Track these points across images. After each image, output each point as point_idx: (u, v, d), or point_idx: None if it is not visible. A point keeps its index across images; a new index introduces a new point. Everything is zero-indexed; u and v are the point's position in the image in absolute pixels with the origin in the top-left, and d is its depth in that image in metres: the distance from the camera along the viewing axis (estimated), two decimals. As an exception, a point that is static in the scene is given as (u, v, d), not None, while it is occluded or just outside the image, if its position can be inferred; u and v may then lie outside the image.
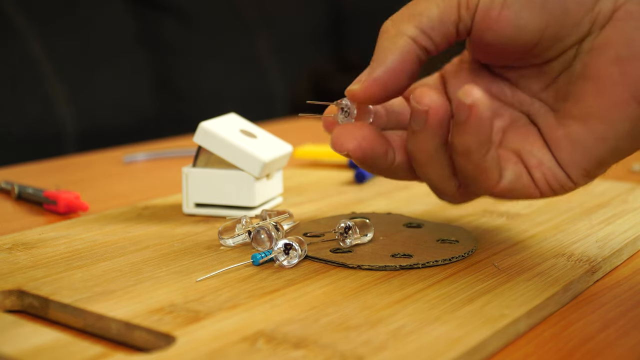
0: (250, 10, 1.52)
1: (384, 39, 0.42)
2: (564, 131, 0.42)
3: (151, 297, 0.38)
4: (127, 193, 0.66)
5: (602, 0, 0.40)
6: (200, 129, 0.52)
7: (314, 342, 0.33)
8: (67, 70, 1.21)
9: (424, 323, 0.35)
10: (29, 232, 0.49)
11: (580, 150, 0.41)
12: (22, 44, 1.17)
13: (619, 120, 0.40)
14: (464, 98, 0.38)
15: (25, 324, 0.35)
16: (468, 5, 0.41)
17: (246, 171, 0.51)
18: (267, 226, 0.44)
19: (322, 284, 0.40)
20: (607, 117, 0.40)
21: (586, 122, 0.41)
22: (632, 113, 0.40)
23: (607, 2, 0.40)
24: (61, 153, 1.10)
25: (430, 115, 0.40)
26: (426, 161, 0.42)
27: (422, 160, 0.42)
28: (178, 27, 1.41)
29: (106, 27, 1.31)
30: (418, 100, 0.40)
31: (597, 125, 0.41)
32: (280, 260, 0.42)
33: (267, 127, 0.60)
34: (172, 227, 0.50)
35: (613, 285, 0.42)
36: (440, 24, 0.42)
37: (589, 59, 0.41)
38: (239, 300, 0.38)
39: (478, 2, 0.41)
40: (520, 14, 0.41)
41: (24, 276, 0.41)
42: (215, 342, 0.33)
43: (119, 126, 1.27)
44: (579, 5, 0.40)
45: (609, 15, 0.40)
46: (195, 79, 1.41)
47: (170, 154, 0.80)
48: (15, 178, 0.67)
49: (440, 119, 0.40)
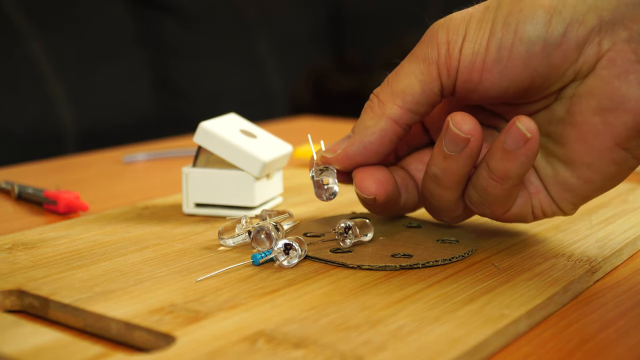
0: (250, 10, 1.53)
1: (367, 117, 0.43)
2: (552, 171, 0.43)
3: (151, 297, 0.38)
4: (127, 193, 0.66)
5: (586, 51, 0.39)
6: (200, 129, 0.52)
7: (314, 342, 0.33)
8: (67, 70, 1.21)
9: (424, 323, 0.35)
10: (29, 232, 0.49)
11: (568, 191, 0.43)
12: (22, 44, 1.17)
13: (605, 165, 0.41)
14: (524, 130, 0.39)
15: (25, 324, 0.35)
16: (448, 72, 0.41)
17: (246, 171, 0.51)
18: (267, 226, 0.44)
19: (322, 284, 0.40)
20: (593, 164, 0.41)
21: (572, 167, 0.42)
22: (617, 157, 0.41)
23: (590, 50, 0.39)
24: (61, 153, 1.10)
25: (471, 143, 0.40)
26: (450, 184, 0.43)
27: (447, 183, 0.43)
28: (178, 27, 1.41)
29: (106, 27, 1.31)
30: (459, 127, 0.40)
31: (584, 170, 0.42)
32: (280, 260, 0.42)
33: (267, 127, 0.60)
34: (172, 227, 0.50)
35: (613, 285, 0.42)
36: (424, 96, 0.42)
37: (571, 105, 0.41)
38: (239, 300, 0.38)
39: (458, 68, 0.41)
40: (503, 74, 0.41)
41: (24, 276, 0.41)
42: (215, 342, 0.33)
43: (119, 126, 1.27)
44: (563, 59, 0.40)
45: (593, 64, 0.40)
46: (195, 79, 1.41)
47: (170, 154, 0.80)
48: (15, 178, 0.67)
49: (479, 146, 0.41)
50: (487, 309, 0.37)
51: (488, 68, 0.40)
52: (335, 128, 0.97)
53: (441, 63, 0.41)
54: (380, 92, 0.43)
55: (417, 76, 0.42)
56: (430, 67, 0.42)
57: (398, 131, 0.43)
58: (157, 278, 0.41)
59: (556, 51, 0.39)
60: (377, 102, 0.43)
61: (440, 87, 0.42)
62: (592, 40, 0.39)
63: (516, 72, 0.40)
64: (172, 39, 1.40)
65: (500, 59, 0.40)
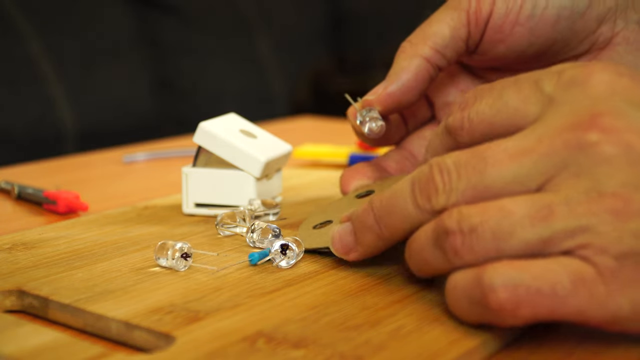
0: (250, 10, 1.53)
1: (401, 58, 0.47)
2: None
3: (151, 297, 0.38)
4: (127, 193, 0.66)
5: (603, 26, 0.45)
6: (200, 129, 0.52)
7: (314, 342, 0.33)
8: (67, 70, 1.21)
9: (424, 323, 0.35)
10: (29, 232, 0.49)
11: None
12: (22, 44, 1.17)
13: None
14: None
15: (25, 324, 0.35)
16: (477, 21, 0.45)
17: (246, 171, 0.51)
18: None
19: (322, 284, 0.40)
20: None
21: None
22: None
23: (607, 27, 0.45)
24: (61, 153, 1.10)
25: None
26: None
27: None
28: (178, 27, 1.41)
29: (106, 27, 1.31)
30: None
31: None
32: (277, 261, 0.42)
33: (267, 127, 0.60)
34: (172, 227, 0.50)
35: (613, 285, 0.42)
36: (452, 41, 0.46)
37: None
38: (238, 300, 0.38)
39: (488, 19, 0.45)
40: (533, 31, 0.45)
41: (24, 276, 0.41)
42: (215, 342, 0.33)
43: (119, 126, 1.27)
44: (584, 28, 0.45)
45: (609, 39, 0.45)
46: (195, 79, 1.42)
47: (170, 154, 0.80)
48: (15, 178, 0.67)
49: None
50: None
51: (521, 22, 0.45)
52: (335, 128, 0.97)
53: (471, 12, 0.45)
54: (412, 37, 0.47)
55: (447, 22, 0.46)
56: (461, 14, 0.46)
57: (430, 70, 0.46)
58: (157, 278, 0.41)
59: (580, 20, 0.45)
60: (408, 45, 0.47)
61: (467, 34, 0.46)
62: (609, 19, 0.45)
63: (545, 30, 0.45)
64: (172, 39, 1.40)
65: (534, 16, 0.45)
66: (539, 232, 0.32)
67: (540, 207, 0.32)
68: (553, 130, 0.33)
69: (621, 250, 0.31)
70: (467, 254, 0.33)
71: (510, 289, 0.32)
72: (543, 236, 0.32)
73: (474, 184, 0.34)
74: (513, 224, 0.32)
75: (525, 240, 0.32)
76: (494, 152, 0.34)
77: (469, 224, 0.33)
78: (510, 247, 0.32)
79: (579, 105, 0.33)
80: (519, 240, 0.32)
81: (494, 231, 0.32)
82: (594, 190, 0.32)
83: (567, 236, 0.32)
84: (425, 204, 0.35)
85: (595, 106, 0.33)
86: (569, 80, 0.34)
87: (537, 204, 0.32)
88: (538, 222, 0.32)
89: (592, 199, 0.32)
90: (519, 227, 0.32)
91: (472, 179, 0.34)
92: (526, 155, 0.33)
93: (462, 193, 0.34)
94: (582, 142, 0.32)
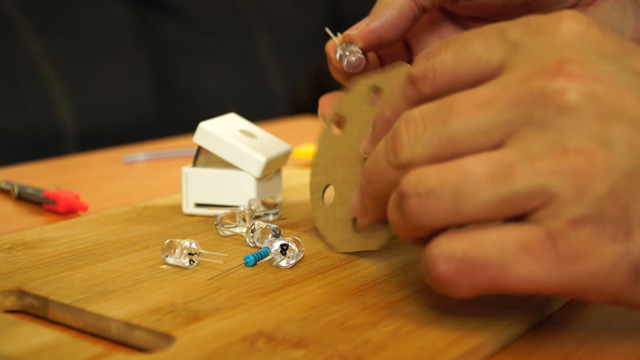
0: (250, 10, 1.53)
1: None
2: None
3: (151, 297, 0.38)
4: (127, 193, 0.66)
5: None
6: (200, 129, 0.52)
7: (314, 342, 0.33)
8: (67, 70, 1.21)
9: (424, 323, 0.35)
10: (29, 232, 0.49)
11: None
12: (22, 44, 1.17)
13: None
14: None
15: (25, 324, 0.35)
16: None
17: (246, 171, 0.51)
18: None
19: (322, 284, 0.40)
20: None
21: None
22: None
23: None
24: (61, 153, 1.10)
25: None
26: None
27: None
28: (178, 27, 1.41)
29: (106, 27, 1.31)
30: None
31: None
32: (277, 261, 0.42)
33: (267, 127, 0.60)
34: (172, 227, 0.50)
35: (613, 285, 0.42)
36: None
37: None
38: (238, 300, 0.38)
39: None
40: None
41: (24, 276, 0.41)
42: (215, 342, 0.33)
43: (119, 126, 1.27)
44: None
45: None
46: (195, 79, 1.42)
47: (170, 154, 0.80)
48: (15, 178, 0.67)
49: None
50: (487, 309, 0.37)
51: None
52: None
53: None
54: None
55: None
56: None
57: (415, 10, 0.44)
58: (157, 278, 0.41)
59: None
60: None
61: None
62: None
63: None
64: (172, 39, 1.40)
65: None
66: (499, 191, 0.31)
67: (500, 166, 0.31)
68: (518, 77, 0.32)
69: (578, 213, 0.30)
70: (423, 216, 0.32)
71: (447, 259, 0.31)
72: (503, 196, 0.31)
73: (439, 134, 0.32)
74: (472, 185, 0.31)
75: (484, 201, 0.31)
76: (460, 101, 0.32)
77: (425, 186, 0.32)
78: (469, 209, 0.31)
79: (546, 52, 0.32)
80: (478, 202, 0.31)
81: (454, 192, 0.31)
82: (558, 144, 0.31)
83: (528, 197, 0.30)
84: (393, 159, 0.34)
85: (563, 53, 0.32)
86: (536, 27, 0.33)
87: (498, 162, 0.31)
88: (498, 181, 0.31)
89: (555, 155, 0.30)
90: (478, 187, 0.31)
91: (436, 129, 0.32)
92: (491, 104, 0.32)
93: (425, 145, 0.33)
94: (547, 89, 0.31)
